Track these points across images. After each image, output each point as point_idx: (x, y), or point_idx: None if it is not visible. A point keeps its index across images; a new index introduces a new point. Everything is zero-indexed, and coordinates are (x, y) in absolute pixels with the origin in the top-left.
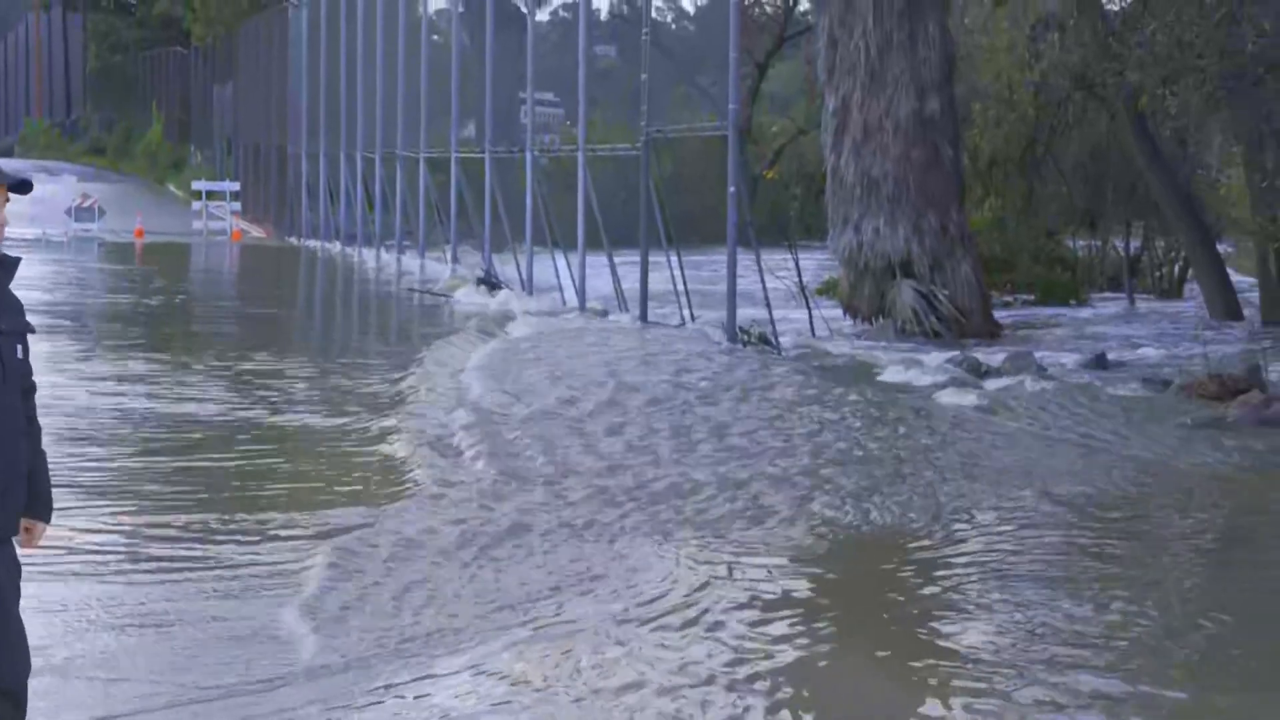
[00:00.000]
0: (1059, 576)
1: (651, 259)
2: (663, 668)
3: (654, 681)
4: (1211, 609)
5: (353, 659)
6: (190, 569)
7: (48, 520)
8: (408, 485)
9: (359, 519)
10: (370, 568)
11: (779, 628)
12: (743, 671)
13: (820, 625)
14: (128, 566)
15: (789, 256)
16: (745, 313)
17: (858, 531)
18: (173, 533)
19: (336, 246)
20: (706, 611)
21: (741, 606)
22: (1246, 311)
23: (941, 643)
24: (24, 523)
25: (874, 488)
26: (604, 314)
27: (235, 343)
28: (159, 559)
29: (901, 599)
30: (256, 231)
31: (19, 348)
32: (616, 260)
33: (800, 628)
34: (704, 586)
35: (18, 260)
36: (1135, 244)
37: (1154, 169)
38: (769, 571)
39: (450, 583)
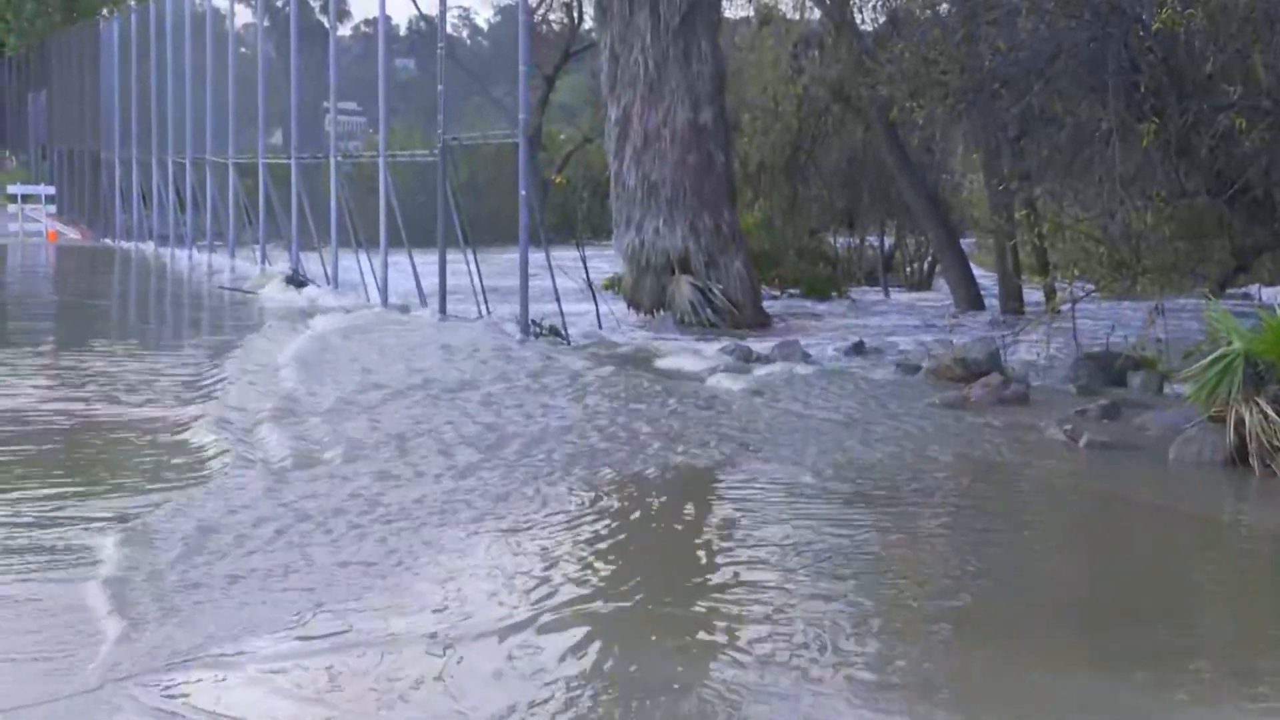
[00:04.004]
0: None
1: (449, 258)
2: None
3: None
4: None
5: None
6: None
7: None
8: (206, 472)
9: (153, 504)
10: (159, 554)
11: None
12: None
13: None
14: None
15: (577, 255)
16: (537, 307)
17: (635, 492)
18: None
19: (150, 247)
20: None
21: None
22: (988, 302)
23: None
24: None
25: (648, 457)
26: (405, 309)
27: (49, 336)
28: None
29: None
30: (72, 233)
31: None
32: (417, 259)
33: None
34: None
35: None
36: (889, 241)
37: (904, 174)
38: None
39: (240, 563)
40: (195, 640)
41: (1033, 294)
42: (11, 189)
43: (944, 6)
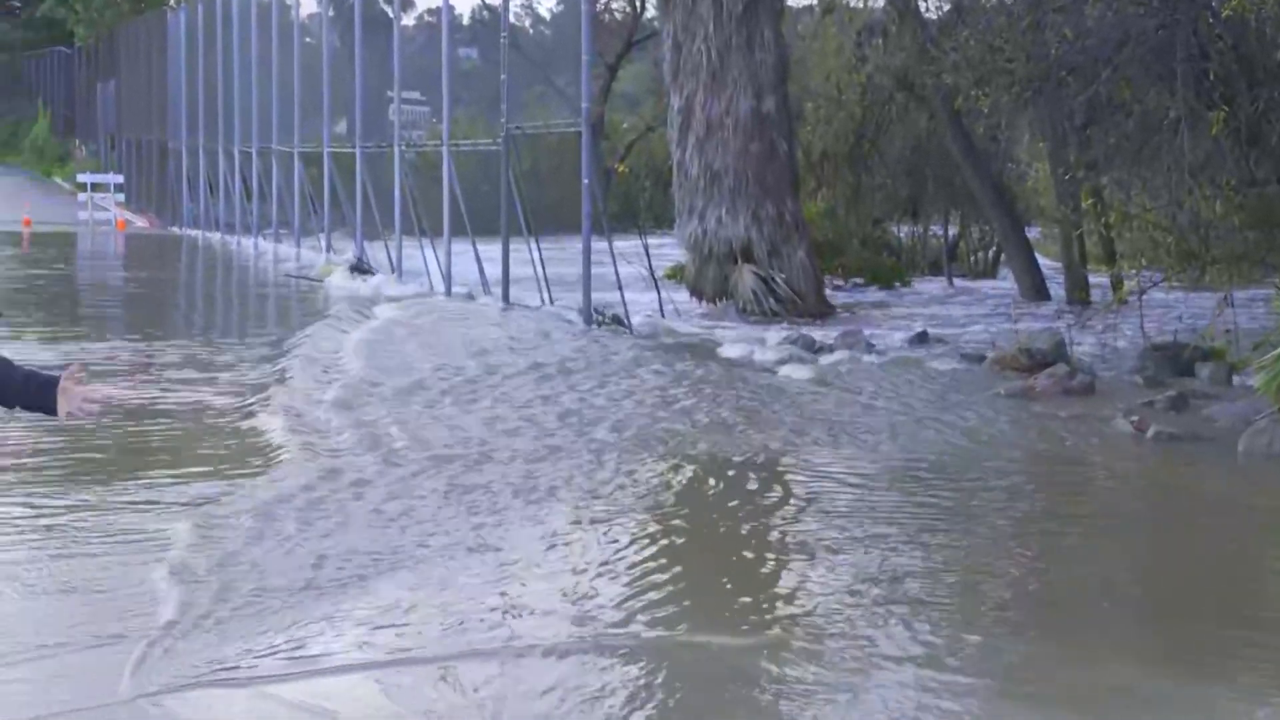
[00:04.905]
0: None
1: (512, 246)
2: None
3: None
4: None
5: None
6: (64, 536)
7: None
8: (272, 458)
9: (221, 491)
10: (233, 535)
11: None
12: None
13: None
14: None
15: (640, 244)
16: (599, 295)
17: (706, 481)
18: (57, 502)
19: (216, 235)
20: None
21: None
22: (1053, 292)
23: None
24: (70, 372)
25: (716, 446)
26: (469, 297)
27: (118, 323)
28: (40, 526)
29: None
30: (140, 221)
31: None
32: (480, 247)
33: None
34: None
35: None
36: (953, 231)
37: (969, 162)
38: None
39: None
40: (263, 629)
41: (1098, 283)
42: (81, 178)
43: None
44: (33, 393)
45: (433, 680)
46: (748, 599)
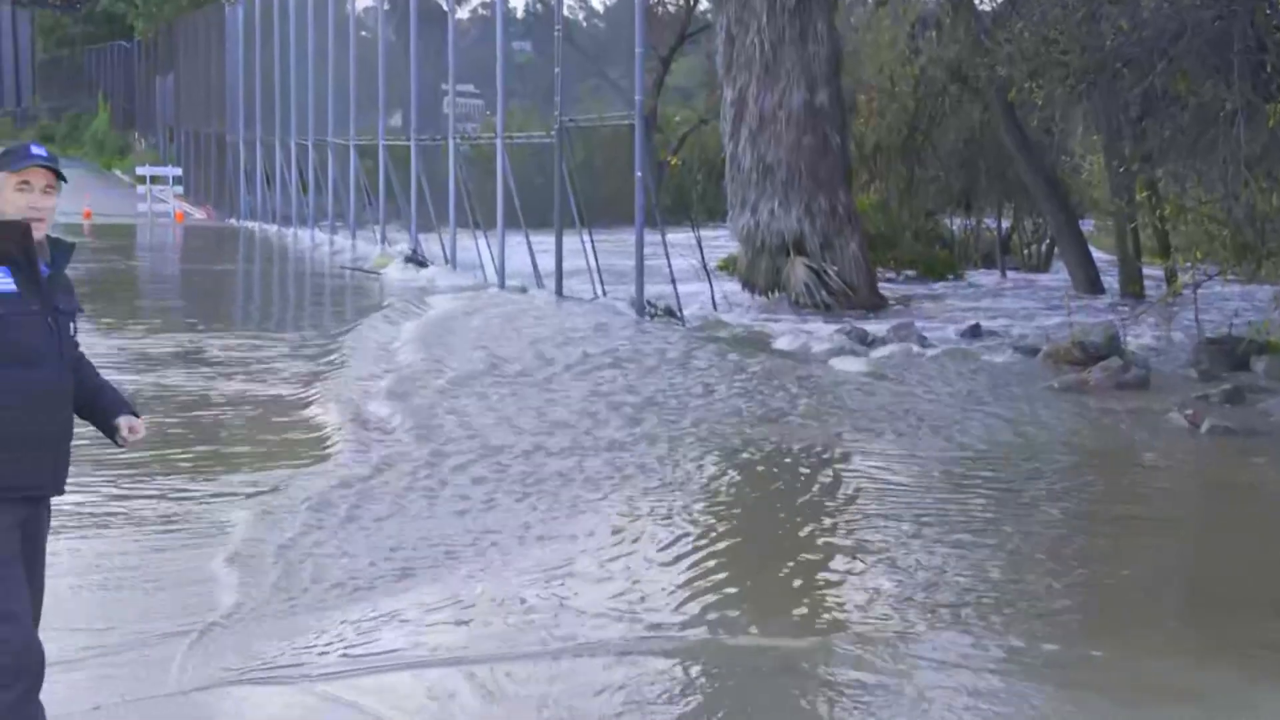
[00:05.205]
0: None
1: (565, 238)
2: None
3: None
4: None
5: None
6: (129, 524)
7: (137, 415)
8: (329, 448)
9: (279, 479)
10: (289, 526)
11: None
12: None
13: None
14: (70, 524)
15: (692, 236)
16: (652, 287)
17: (765, 471)
18: (114, 490)
19: (273, 227)
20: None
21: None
22: (1107, 285)
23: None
24: (125, 421)
25: (770, 438)
26: (523, 289)
27: (177, 313)
28: (98, 515)
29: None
30: (198, 213)
31: (71, 325)
32: (533, 239)
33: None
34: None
35: (73, 245)
36: (1006, 223)
37: (1023, 155)
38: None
39: (367, 533)
40: (314, 623)
41: (1153, 276)
42: (140, 170)
43: None
44: (98, 411)
45: (483, 679)
46: (801, 595)
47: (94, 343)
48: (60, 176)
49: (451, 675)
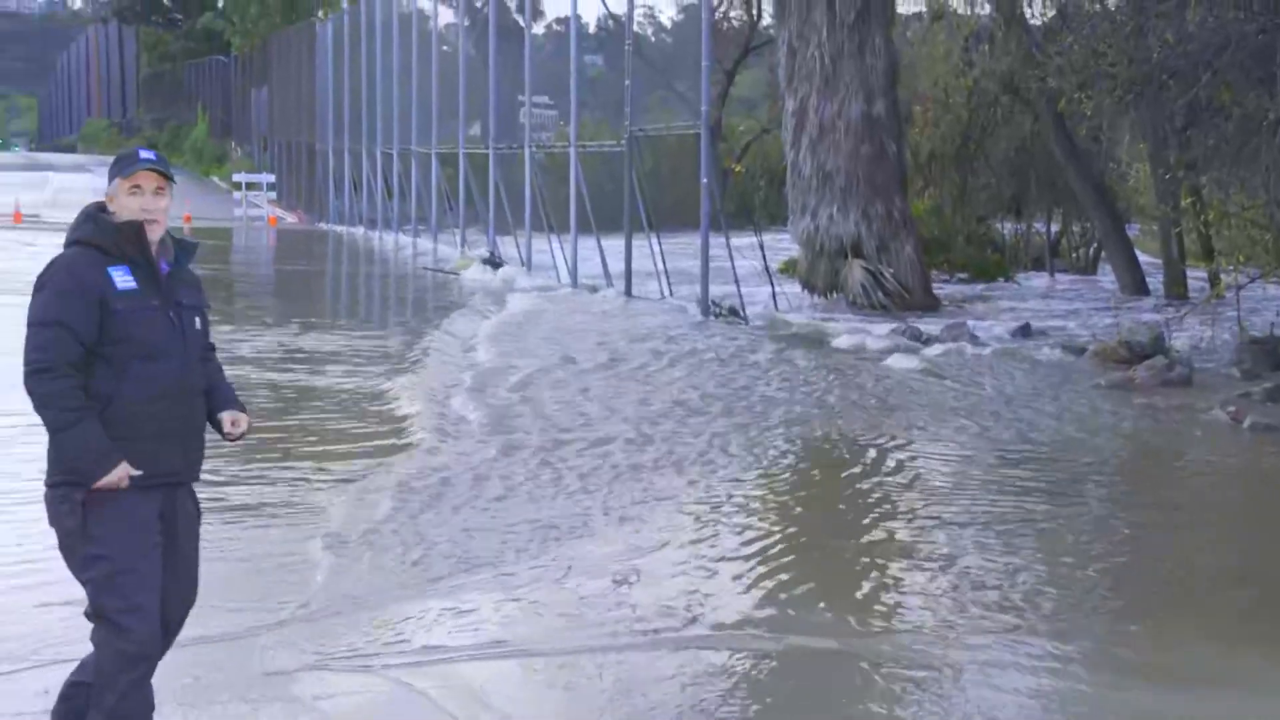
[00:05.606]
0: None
1: (634, 241)
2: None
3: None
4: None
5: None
6: (232, 510)
7: (244, 410)
8: (411, 439)
9: (365, 468)
10: (374, 513)
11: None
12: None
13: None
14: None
15: (755, 240)
16: (716, 288)
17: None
18: (218, 478)
19: (360, 230)
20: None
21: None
22: (1152, 287)
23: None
24: (229, 416)
25: (829, 433)
26: (594, 289)
27: (270, 311)
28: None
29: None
30: (290, 218)
31: (197, 320)
32: (604, 242)
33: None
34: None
35: (196, 244)
36: (1055, 228)
37: (1072, 163)
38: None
39: (450, 522)
40: (395, 611)
41: (1197, 279)
42: (236, 177)
43: (1113, 1)
44: (208, 406)
45: (551, 671)
46: (859, 590)
47: None
48: (169, 178)
49: (519, 666)
